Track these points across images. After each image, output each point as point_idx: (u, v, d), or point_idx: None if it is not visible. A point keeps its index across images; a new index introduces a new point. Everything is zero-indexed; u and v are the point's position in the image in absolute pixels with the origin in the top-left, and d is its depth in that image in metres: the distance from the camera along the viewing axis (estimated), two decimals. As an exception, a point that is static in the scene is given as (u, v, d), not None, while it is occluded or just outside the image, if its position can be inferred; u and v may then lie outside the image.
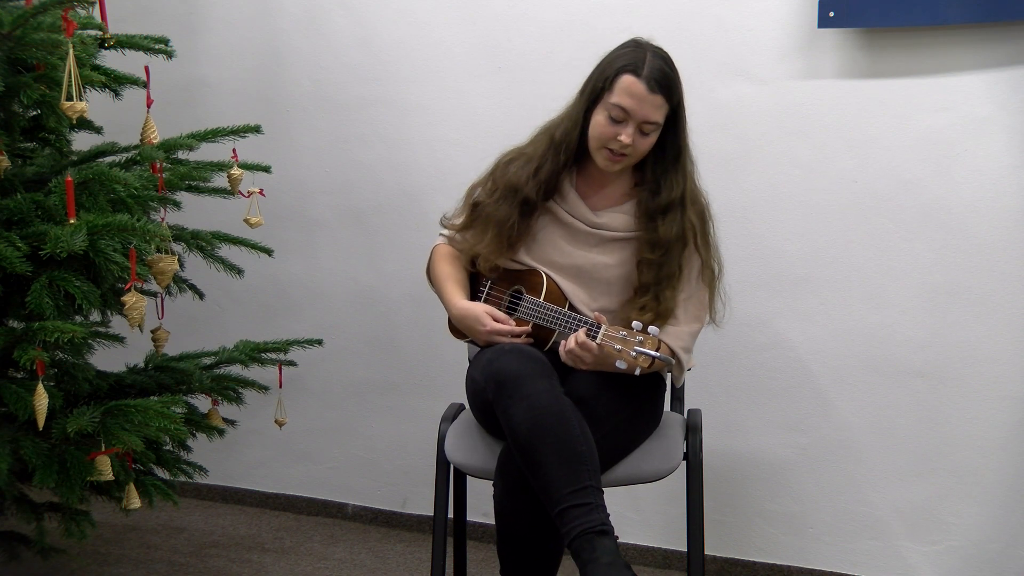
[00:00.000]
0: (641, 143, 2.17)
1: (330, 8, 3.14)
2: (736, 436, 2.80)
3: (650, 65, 2.13)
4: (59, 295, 2.08)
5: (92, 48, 2.36)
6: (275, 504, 3.37)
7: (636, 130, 2.14)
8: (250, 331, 3.02)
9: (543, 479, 1.99)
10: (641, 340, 2.00)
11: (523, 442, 2.01)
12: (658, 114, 2.14)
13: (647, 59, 2.14)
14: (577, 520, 1.95)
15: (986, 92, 2.50)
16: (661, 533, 2.91)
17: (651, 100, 2.12)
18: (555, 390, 2.06)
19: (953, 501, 2.62)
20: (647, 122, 2.14)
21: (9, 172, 2.23)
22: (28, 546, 2.59)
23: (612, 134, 2.15)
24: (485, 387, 2.12)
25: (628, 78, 2.13)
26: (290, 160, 3.20)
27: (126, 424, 2.16)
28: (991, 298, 2.54)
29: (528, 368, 2.08)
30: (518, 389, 2.04)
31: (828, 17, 2.56)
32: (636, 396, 2.21)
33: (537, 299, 2.23)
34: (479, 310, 2.26)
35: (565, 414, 2.03)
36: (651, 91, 2.12)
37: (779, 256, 2.73)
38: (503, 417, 2.06)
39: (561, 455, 1.99)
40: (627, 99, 2.12)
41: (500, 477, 2.12)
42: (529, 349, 2.16)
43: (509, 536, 2.14)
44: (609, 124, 2.15)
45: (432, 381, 3.12)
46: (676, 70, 2.18)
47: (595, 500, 1.98)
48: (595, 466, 2.02)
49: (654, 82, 2.12)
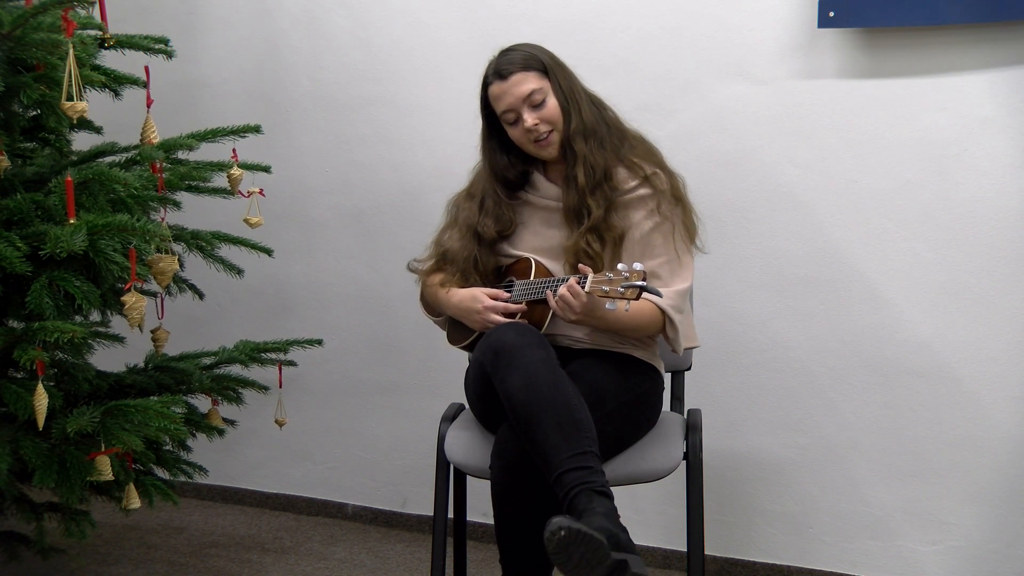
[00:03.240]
0: (545, 113, 2.23)
1: (330, 8, 3.14)
2: (736, 436, 2.80)
3: (495, 65, 2.26)
4: (59, 295, 2.08)
5: (92, 48, 2.36)
6: (275, 504, 3.37)
7: (530, 110, 2.22)
8: (250, 331, 3.02)
9: (541, 445, 1.99)
10: (627, 276, 1.99)
11: (521, 409, 2.02)
12: (527, 85, 2.22)
13: (491, 64, 2.27)
14: (576, 480, 1.95)
15: (986, 92, 2.50)
16: (661, 533, 2.91)
17: (512, 83, 2.22)
18: (551, 360, 2.07)
19: (953, 501, 2.62)
20: (526, 97, 2.22)
21: (9, 172, 2.23)
22: (28, 546, 2.59)
23: (522, 132, 2.25)
24: (483, 360, 2.12)
25: (490, 89, 2.26)
26: (290, 160, 3.20)
27: (126, 424, 2.16)
28: (991, 298, 2.54)
29: (525, 339, 2.09)
30: (515, 358, 2.05)
31: (828, 17, 2.55)
32: (634, 386, 2.22)
33: (527, 279, 2.25)
34: (475, 290, 2.28)
35: (562, 384, 2.04)
36: (505, 78, 2.22)
37: (779, 256, 2.73)
38: (500, 387, 2.06)
39: (559, 421, 1.99)
40: (500, 102, 2.24)
41: (497, 456, 2.11)
42: (526, 324, 2.18)
43: (506, 517, 2.12)
44: (514, 128, 2.26)
45: (432, 381, 3.12)
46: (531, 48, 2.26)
47: (595, 465, 1.98)
48: (593, 435, 2.01)
49: (503, 70, 2.23)
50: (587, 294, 2.05)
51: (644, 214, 2.24)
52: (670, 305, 2.19)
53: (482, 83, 2.27)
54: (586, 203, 2.22)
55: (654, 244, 2.24)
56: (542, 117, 2.22)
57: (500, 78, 2.22)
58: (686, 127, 2.77)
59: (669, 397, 2.48)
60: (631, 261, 2.17)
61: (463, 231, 2.34)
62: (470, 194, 2.39)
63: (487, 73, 2.26)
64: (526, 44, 2.28)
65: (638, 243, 2.24)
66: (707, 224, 2.71)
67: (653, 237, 2.24)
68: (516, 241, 2.33)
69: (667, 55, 2.77)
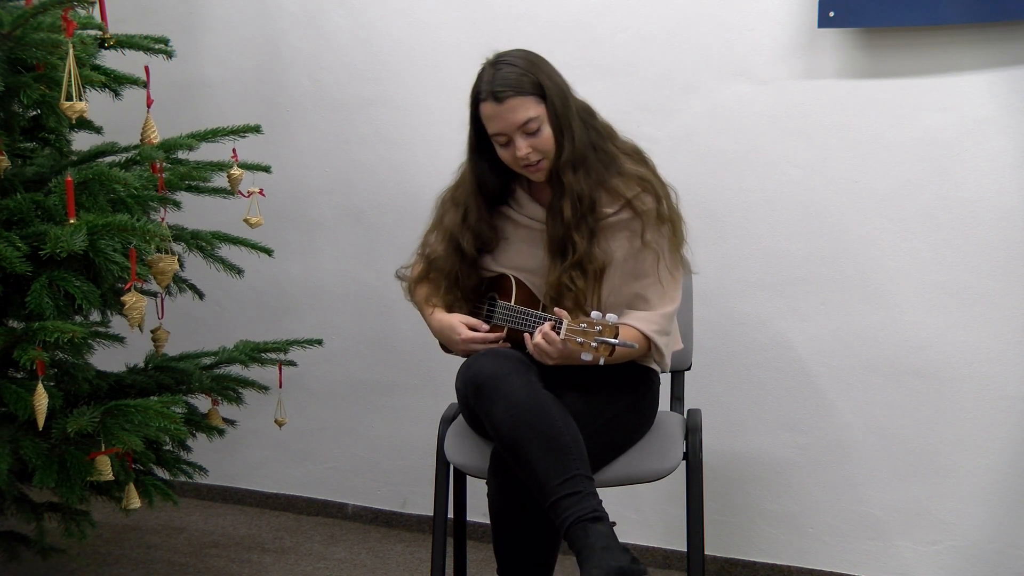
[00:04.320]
0: (539, 141, 2.14)
1: (330, 8, 3.14)
2: (736, 436, 2.80)
3: (488, 80, 2.13)
4: (59, 295, 2.08)
5: (92, 48, 2.36)
6: (275, 504, 3.37)
7: (523, 136, 2.14)
8: (250, 331, 3.02)
9: (531, 474, 2.00)
10: (600, 329, 1.98)
11: (507, 441, 2.02)
12: (523, 112, 2.12)
13: (484, 75, 2.15)
14: (569, 510, 1.96)
15: (986, 92, 2.50)
16: (661, 533, 2.91)
17: (507, 108, 2.11)
18: (532, 385, 2.07)
19: (953, 501, 2.62)
20: (521, 125, 2.13)
21: (9, 172, 2.23)
22: (28, 546, 2.59)
23: (512, 155, 2.16)
24: (466, 394, 2.13)
25: (482, 106, 2.14)
26: (290, 160, 3.20)
27: (126, 424, 2.16)
28: (991, 298, 2.54)
29: (504, 368, 2.08)
30: (496, 389, 2.05)
31: (828, 17, 2.55)
32: (629, 391, 2.22)
33: (508, 303, 2.24)
34: (454, 320, 2.26)
35: (544, 407, 2.03)
36: (500, 102, 2.11)
37: (779, 256, 2.73)
38: (486, 420, 2.07)
39: (546, 448, 1.99)
40: (492, 123, 2.14)
41: (493, 477, 2.12)
42: (505, 350, 2.17)
43: (505, 535, 2.14)
44: (504, 150, 2.17)
45: (432, 381, 3.12)
46: (523, 60, 2.15)
47: (585, 488, 1.98)
48: (582, 455, 2.02)
49: (498, 92, 2.11)
50: (562, 341, 2.04)
51: (627, 236, 2.19)
52: (655, 331, 2.18)
53: (473, 94, 2.17)
54: (571, 237, 2.16)
55: (640, 266, 2.19)
56: (535, 146, 2.14)
57: (495, 100, 2.11)
58: (686, 127, 2.77)
59: (669, 397, 2.48)
60: (614, 285, 2.17)
61: (446, 238, 2.30)
62: (455, 200, 2.32)
63: (480, 87, 2.15)
64: (519, 55, 2.16)
65: (621, 266, 2.19)
66: (707, 224, 2.73)
67: (639, 259, 2.19)
68: (499, 255, 2.30)
69: (667, 55, 2.77)
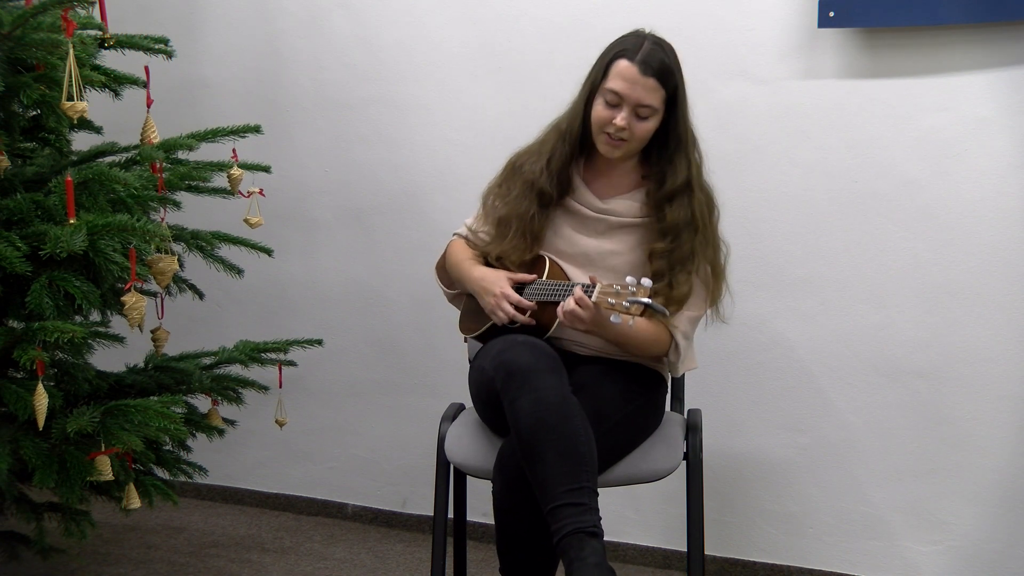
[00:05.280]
0: (638, 127, 2.18)
1: (330, 8, 3.14)
2: (736, 436, 2.80)
3: (645, 50, 2.16)
4: (59, 295, 2.08)
5: (92, 48, 2.35)
6: (275, 504, 3.37)
7: (631, 114, 2.16)
8: (250, 331, 3.02)
9: (541, 474, 2.00)
10: (634, 291, 1.98)
11: (526, 435, 2.02)
12: (652, 97, 2.16)
13: (643, 46, 2.17)
14: (570, 519, 1.96)
15: (986, 92, 2.50)
16: (661, 533, 2.91)
17: (643, 83, 2.14)
18: (564, 388, 2.07)
19: (953, 501, 2.62)
20: (641, 105, 2.16)
21: (9, 172, 2.23)
22: (28, 546, 2.59)
23: (608, 118, 2.18)
24: (494, 376, 2.11)
25: (622, 62, 2.16)
26: (290, 160, 3.20)
27: (126, 424, 2.16)
28: (991, 298, 2.54)
29: (539, 363, 2.08)
30: (527, 381, 2.05)
31: (828, 17, 2.55)
32: (639, 393, 2.22)
33: (540, 278, 2.24)
34: (501, 273, 2.27)
35: (571, 413, 2.03)
36: (643, 74, 2.14)
37: (779, 256, 2.73)
38: (509, 408, 2.06)
39: (562, 453, 1.99)
40: (619, 82, 2.15)
41: (499, 472, 2.12)
42: (541, 344, 2.16)
43: (507, 532, 2.14)
44: (605, 109, 2.18)
45: (432, 381, 3.12)
46: (675, 58, 2.20)
47: (590, 502, 1.98)
48: (594, 468, 2.02)
49: (646, 65, 2.14)
50: (594, 304, 2.04)
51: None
52: (679, 332, 2.20)
53: (615, 49, 2.18)
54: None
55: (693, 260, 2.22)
56: (633, 128, 2.17)
57: (641, 68, 2.13)
58: (686, 127, 2.77)
59: (669, 397, 2.47)
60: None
61: (521, 190, 2.28)
62: (540, 151, 2.31)
63: (627, 47, 2.16)
64: (675, 56, 2.20)
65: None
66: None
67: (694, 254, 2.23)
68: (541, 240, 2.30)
69: (667, 55, 2.77)
